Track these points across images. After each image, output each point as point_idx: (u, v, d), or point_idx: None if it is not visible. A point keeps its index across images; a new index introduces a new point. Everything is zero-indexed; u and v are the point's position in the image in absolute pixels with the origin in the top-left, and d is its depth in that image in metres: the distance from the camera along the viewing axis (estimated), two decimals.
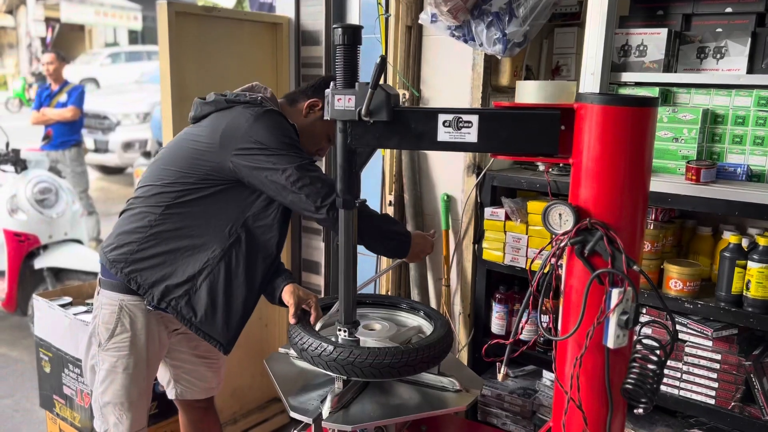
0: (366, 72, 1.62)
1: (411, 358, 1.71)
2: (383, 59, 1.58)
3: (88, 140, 8.75)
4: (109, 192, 8.93)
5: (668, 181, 1.97)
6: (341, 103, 1.65)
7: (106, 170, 9.71)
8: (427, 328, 1.97)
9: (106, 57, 17.11)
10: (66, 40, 18.62)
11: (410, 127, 1.61)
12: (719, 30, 2.06)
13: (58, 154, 5.66)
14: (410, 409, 1.78)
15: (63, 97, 5.81)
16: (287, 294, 1.93)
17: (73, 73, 12.49)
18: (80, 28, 20.89)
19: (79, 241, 4.21)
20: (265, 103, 1.93)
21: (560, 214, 1.48)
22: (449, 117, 1.56)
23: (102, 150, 9.05)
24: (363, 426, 1.71)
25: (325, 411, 1.68)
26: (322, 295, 3.10)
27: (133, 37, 22.36)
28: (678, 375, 2.02)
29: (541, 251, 1.50)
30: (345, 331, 1.78)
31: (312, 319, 1.89)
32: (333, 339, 1.79)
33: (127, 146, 8.97)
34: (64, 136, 5.74)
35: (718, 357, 1.94)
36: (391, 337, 1.89)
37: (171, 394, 2.19)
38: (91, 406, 2.45)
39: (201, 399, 2.20)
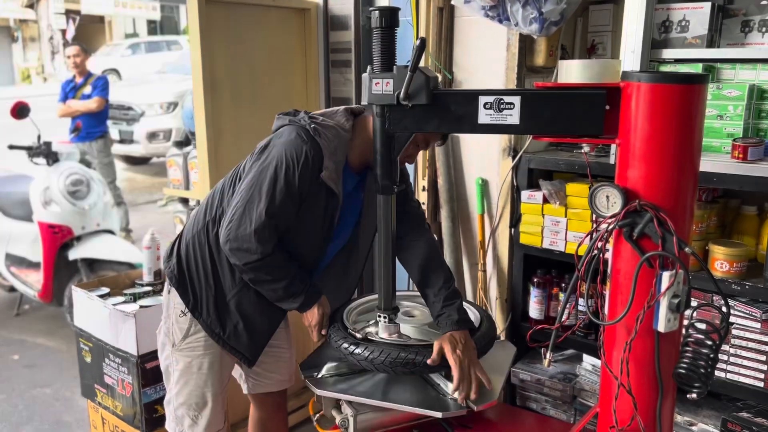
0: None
1: None
2: (423, 41, 1.55)
3: (113, 131, 8.81)
4: (135, 182, 9.03)
5: (713, 159, 1.92)
6: (379, 87, 1.62)
7: (132, 161, 9.80)
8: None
9: (126, 48, 17.24)
10: (86, 32, 18.76)
11: (450, 110, 1.58)
12: (764, 2, 1.99)
13: (85, 145, 5.71)
14: (494, 366, 1.80)
15: (88, 89, 5.85)
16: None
17: (94, 64, 12.59)
18: (100, 20, 21.04)
19: (111, 232, 4.25)
20: (322, 129, 1.73)
21: (608, 197, 1.45)
22: (490, 99, 1.53)
23: (127, 141, 9.13)
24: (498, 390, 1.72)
25: (460, 399, 1.64)
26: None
27: (152, 28, 22.48)
28: (725, 358, 1.98)
29: (588, 235, 1.47)
30: (385, 318, 1.77)
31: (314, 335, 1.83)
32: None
33: (152, 136, 9.04)
34: (91, 127, 5.80)
35: (767, 339, 1.90)
36: (430, 324, 1.87)
37: (244, 389, 2.15)
38: (132, 395, 2.50)
39: (274, 392, 2.16)
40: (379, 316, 1.78)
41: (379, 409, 1.71)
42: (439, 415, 1.61)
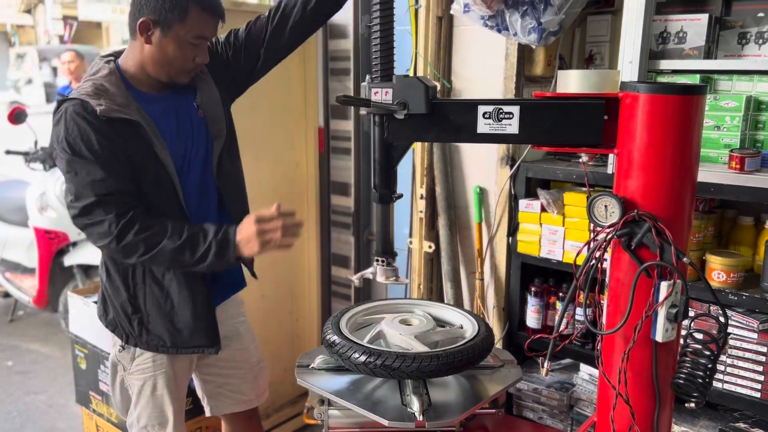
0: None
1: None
2: None
3: None
4: None
5: (710, 170, 1.93)
6: (378, 96, 1.63)
7: None
8: (467, 324, 1.93)
9: None
10: (83, 38, 18.74)
11: (449, 119, 1.58)
12: (761, 15, 2.00)
13: None
14: (485, 390, 1.75)
15: None
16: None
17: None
18: (97, 26, 21.02)
19: None
20: (78, 90, 1.71)
21: (606, 206, 1.45)
22: (489, 108, 1.53)
23: None
24: (466, 415, 1.66)
25: (418, 413, 1.60)
26: (352, 293, 3.09)
27: None
28: (722, 368, 1.98)
29: (586, 245, 1.47)
30: (383, 262, 1.72)
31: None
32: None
33: None
34: None
35: (764, 350, 1.90)
36: (420, 335, 1.85)
37: (207, 411, 2.13)
38: None
39: (241, 411, 2.12)
40: (377, 260, 1.73)
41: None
42: (385, 422, 1.59)
